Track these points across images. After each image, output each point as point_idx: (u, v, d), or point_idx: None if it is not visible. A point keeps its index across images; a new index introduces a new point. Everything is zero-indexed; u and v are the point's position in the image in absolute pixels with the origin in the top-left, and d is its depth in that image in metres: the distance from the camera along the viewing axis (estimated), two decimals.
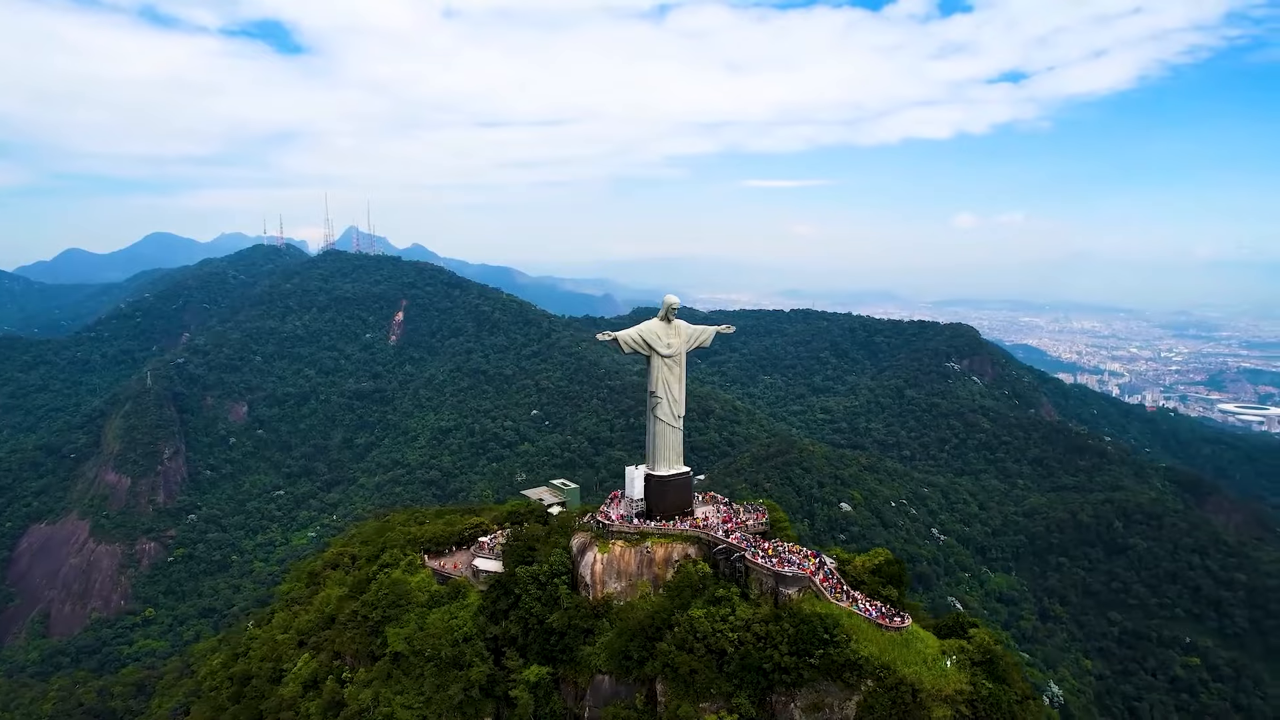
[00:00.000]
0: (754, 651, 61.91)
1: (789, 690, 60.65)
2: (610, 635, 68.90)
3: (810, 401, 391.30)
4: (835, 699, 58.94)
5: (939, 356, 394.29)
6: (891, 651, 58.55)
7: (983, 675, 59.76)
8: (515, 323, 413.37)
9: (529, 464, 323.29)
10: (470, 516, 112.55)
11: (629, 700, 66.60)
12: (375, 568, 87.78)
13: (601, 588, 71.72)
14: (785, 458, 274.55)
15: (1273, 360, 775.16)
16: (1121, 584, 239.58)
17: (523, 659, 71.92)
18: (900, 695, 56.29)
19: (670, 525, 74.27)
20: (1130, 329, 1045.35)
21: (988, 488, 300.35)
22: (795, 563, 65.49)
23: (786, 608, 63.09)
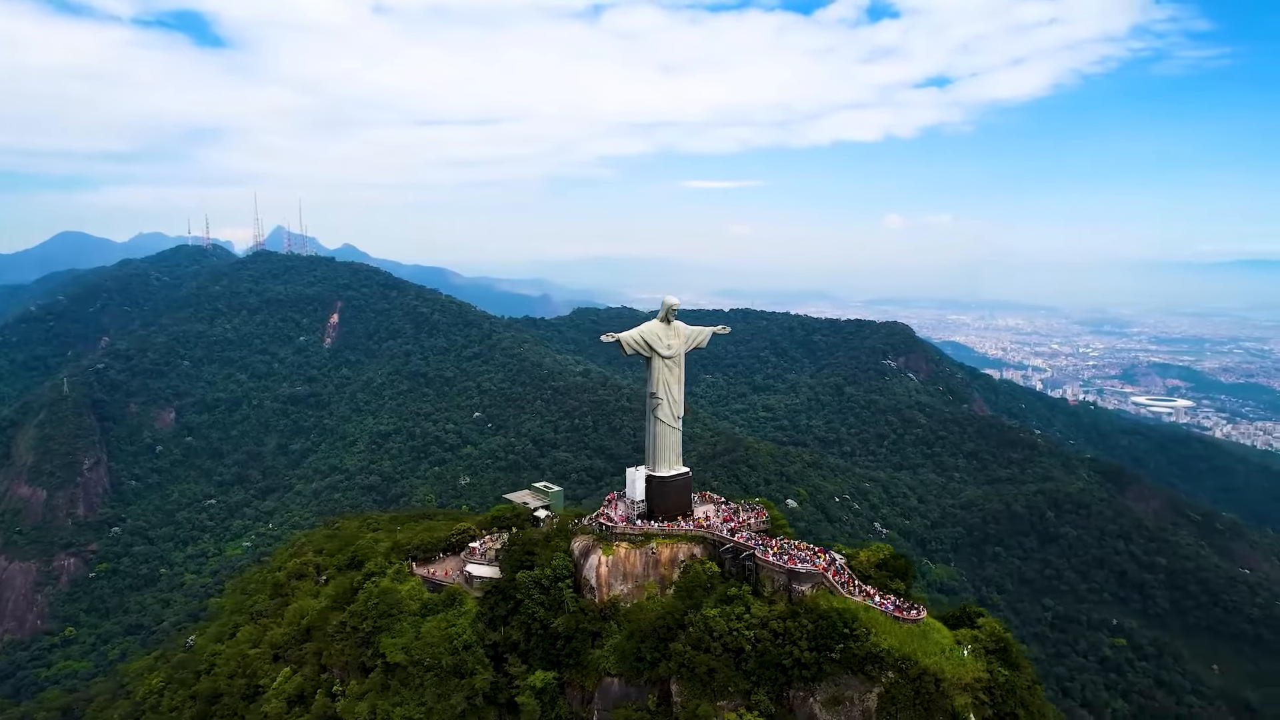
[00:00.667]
0: (772, 648, 62.30)
1: (808, 685, 61.24)
2: (619, 637, 68.59)
3: (752, 400, 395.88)
4: (855, 692, 59.81)
5: (876, 354, 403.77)
6: (911, 643, 59.69)
7: (997, 663, 61.56)
8: (455, 324, 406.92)
9: (472, 467, 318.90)
10: (447, 522, 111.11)
11: (640, 702, 66.51)
12: (360, 577, 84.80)
13: (607, 590, 71.25)
14: (732, 456, 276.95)
15: (1179, 355, 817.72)
16: (1054, 571, 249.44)
17: (526, 665, 70.94)
18: (923, 685, 57.40)
19: (675, 526, 74.33)
20: (1050, 326, 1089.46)
21: (926, 481, 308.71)
22: (805, 559, 65.88)
23: (802, 604, 63.68)
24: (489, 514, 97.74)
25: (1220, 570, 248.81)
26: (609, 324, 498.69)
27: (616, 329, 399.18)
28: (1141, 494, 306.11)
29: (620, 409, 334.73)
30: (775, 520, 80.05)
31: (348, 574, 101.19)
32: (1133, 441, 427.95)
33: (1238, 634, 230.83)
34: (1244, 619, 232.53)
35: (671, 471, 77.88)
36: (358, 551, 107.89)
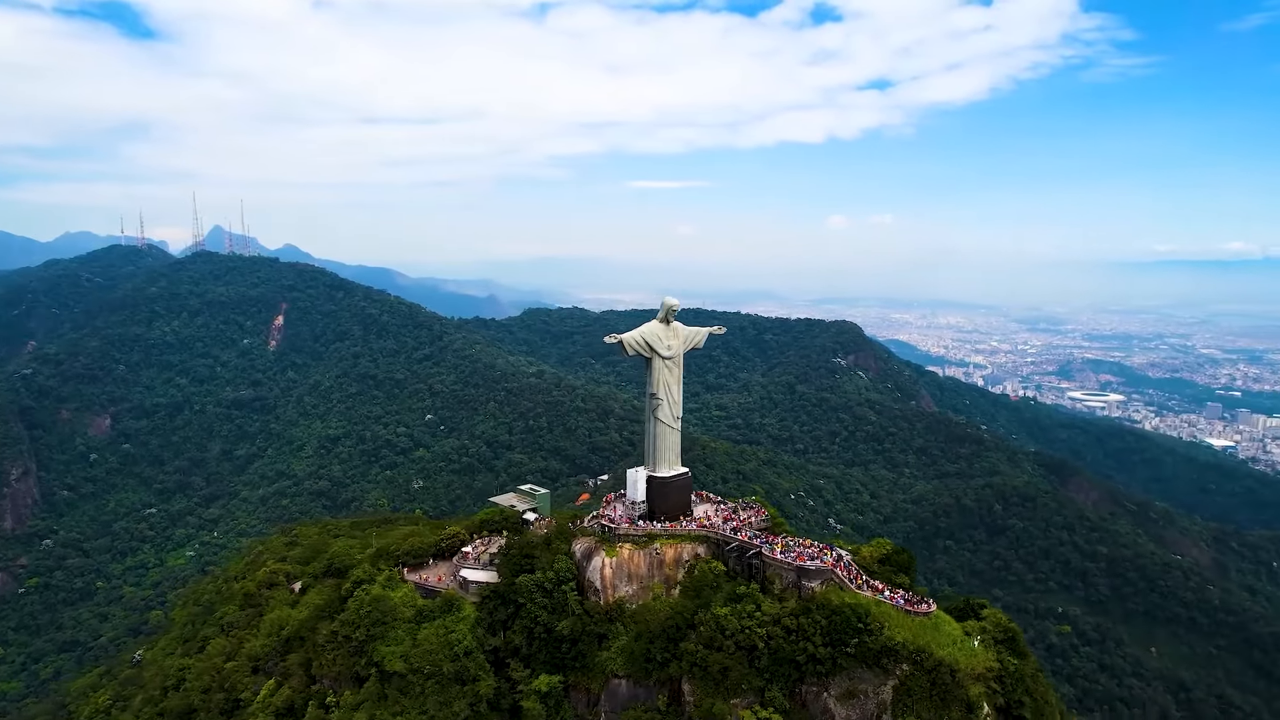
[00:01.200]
0: (785, 645, 62.74)
1: (821, 680, 61.83)
2: (627, 639, 68.19)
3: (705, 399, 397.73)
4: (869, 685, 60.56)
5: (826, 353, 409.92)
6: (924, 635, 60.81)
7: (1006, 652, 63.12)
8: (404, 325, 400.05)
9: (425, 470, 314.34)
10: (427, 527, 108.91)
11: (650, 702, 66.32)
12: (348, 584, 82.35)
13: (613, 592, 70.78)
14: (688, 455, 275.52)
15: (1111, 351, 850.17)
16: (1003, 562, 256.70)
17: (529, 669, 70.03)
18: (939, 676, 58.52)
19: (678, 525, 74.20)
20: (990, 324, 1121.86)
21: (877, 477, 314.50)
22: (814, 556, 66.21)
23: (813, 600, 64.20)
24: (476, 518, 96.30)
25: (1156, 557, 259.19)
26: (560, 325, 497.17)
27: (568, 330, 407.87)
28: (1082, 486, 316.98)
29: (575, 410, 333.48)
30: (773, 518, 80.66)
31: (327, 581, 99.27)
32: (1071, 435, 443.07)
33: (1173, 617, 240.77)
34: (1178, 603, 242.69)
35: (672, 472, 78.19)
36: (335, 559, 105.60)
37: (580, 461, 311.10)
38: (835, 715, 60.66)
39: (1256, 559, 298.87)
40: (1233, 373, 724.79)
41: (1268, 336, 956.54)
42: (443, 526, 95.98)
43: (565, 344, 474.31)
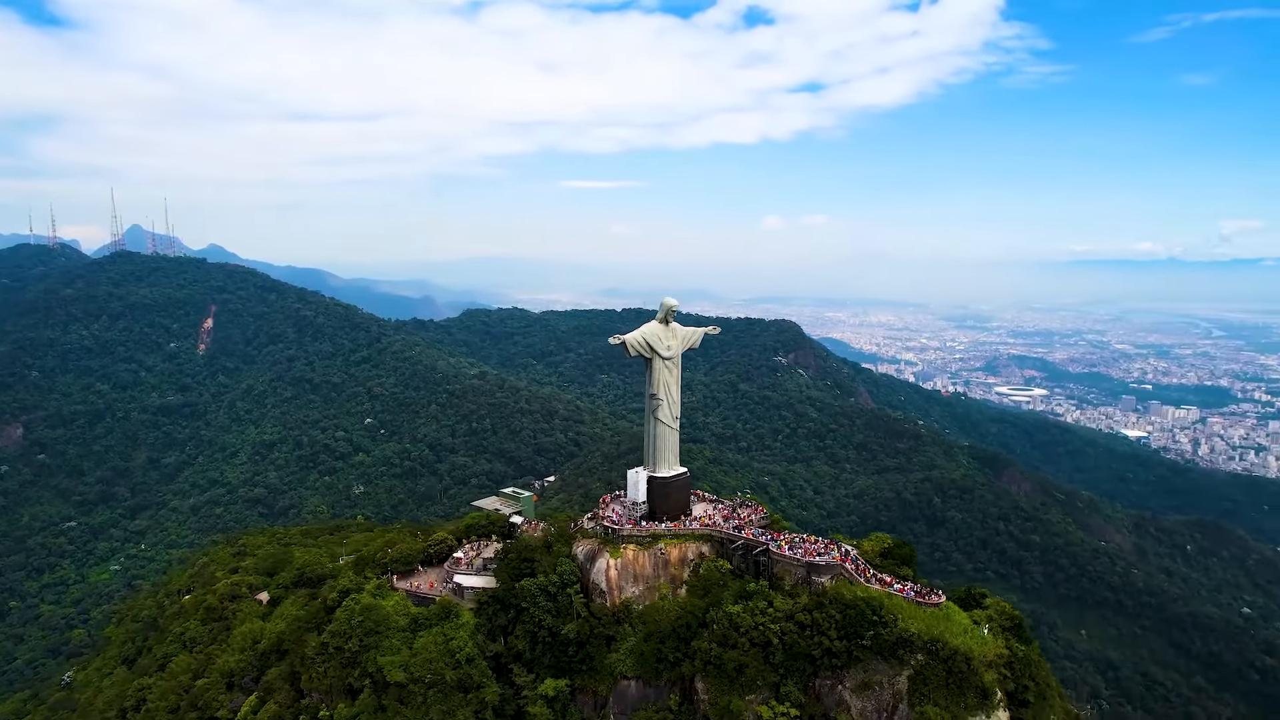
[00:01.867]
0: (800, 640, 63.34)
1: (836, 673, 62.67)
2: (635, 640, 67.81)
3: None
4: (884, 676, 61.58)
5: (767, 351, 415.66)
6: (937, 625, 62.11)
7: (1013, 639, 65.17)
8: (341, 327, 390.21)
9: (366, 475, 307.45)
10: (401, 533, 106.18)
11: (661, 702, 66.17)
12: (334, 594, 79.39)
13: (619, 593, 70.34)
14: (638, 454, 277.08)
15: (1034, 347, 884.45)
16: (943, 553, 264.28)
17: (532, 674, 68.94)
18: (955, 665, 59.89)
19: (682, 525, 74.18)
20: (919, 321, 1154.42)
21: (820, 473, 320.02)
22: (824, 552, 66.69)
23: (826, 595, 64.86)
24: (462, 523, 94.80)
25: (1085, 544, 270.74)
26: (500, 326, 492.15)
27: (508, 331, 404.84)
28: (1014, 477, 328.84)
29: (519, 411, 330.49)
30: (771, 516, 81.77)
31: (299, 592, 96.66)
32: (1001, 429, 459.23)
33: (1101, 601, 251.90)
34: (1106, 587, 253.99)
35: (672, 472, 78.53)
36: (306, 568, 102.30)
37: (526, 464, 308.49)
38: (851, 707, 61.60)
39: (1171, 543, 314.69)
40: (1144, 367, 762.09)
41: (1175, 332, 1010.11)
42: (430, 532, 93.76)
43: (506, 345, 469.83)
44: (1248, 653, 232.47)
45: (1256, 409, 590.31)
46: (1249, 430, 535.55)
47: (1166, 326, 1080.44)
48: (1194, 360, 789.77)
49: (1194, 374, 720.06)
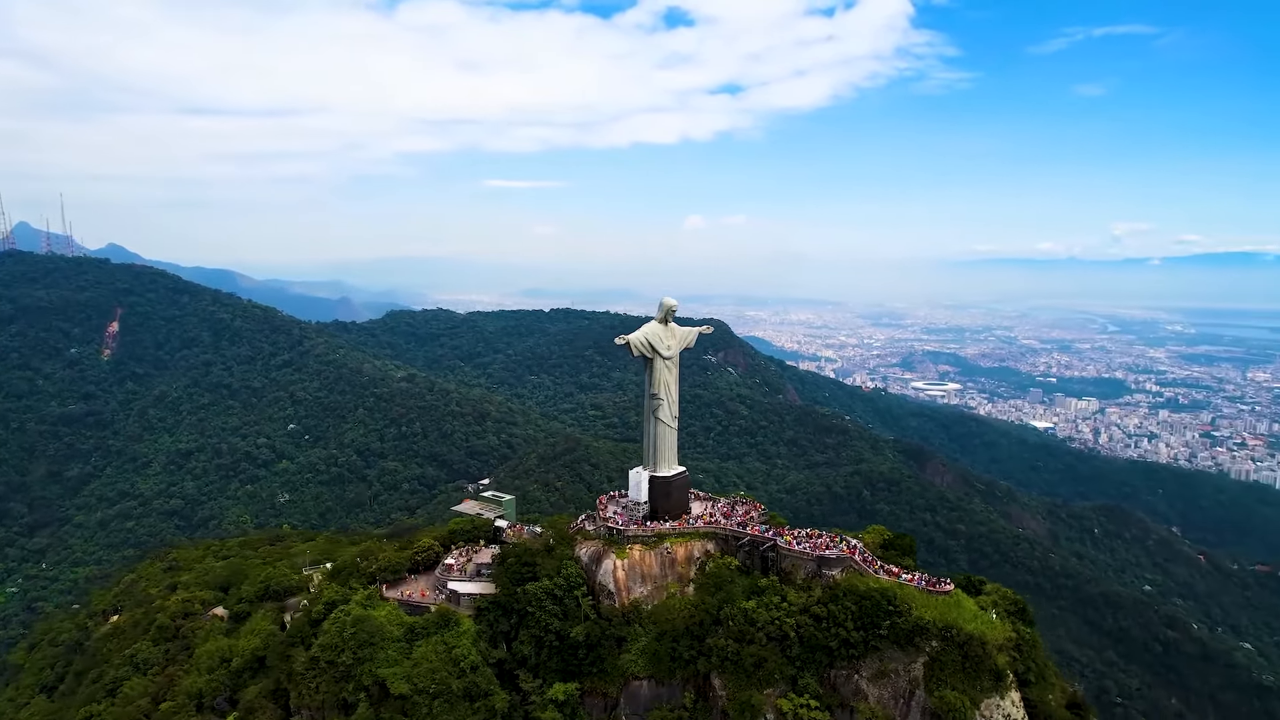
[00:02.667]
0: (817, 632, 64.39)
1: (852, 664, 63.92)
2: (647, 639, 67.58)
3: (580, 399, 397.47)
4: (900, 664, 63.07)
5: (697, 350, 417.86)
6: (950, 612, 63.98)
7: (1018, 622, 67.60)
8: (260, 330, 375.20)
9: (290, 483, 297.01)
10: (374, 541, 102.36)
11: (676, 701, 66.14)
12: (319, 606, 75.70)
13: (627, 594, 69.90)
14: (573, 455, 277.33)
15: (946, 343, 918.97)
16: None
17: (539, 679, 67.85)
18: (971, 649, 61.83)
19: (686, 524, 74.37)
20: (838, 319, 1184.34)
21: (752, 469, 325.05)
22: (834, 545, 67.31)
23: (840, 587, 65.99)
24: (446, 529, 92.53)
25: (1006, 531, 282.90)
26: (425, 327, 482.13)
27: (433, 332, 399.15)
28: (937, 469, 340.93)
29: (450, 414, 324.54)
30: (769, 513, 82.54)
31: (266, 606, 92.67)
32: (920, 423, 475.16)
33: (1022, 584, 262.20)
34: (1026, 571, 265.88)
35: (673, 471, 79.12)
36: (271, 581, 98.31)
37: (459, 467, 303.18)
38: (868, 696, 62.91)
39: (1081, 527, 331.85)
40: (1049, 361, 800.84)
41: (1075, 328, 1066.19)
42: (411, 541, 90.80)
43: (432, 347, 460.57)
44: (1152, 626, 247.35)
45: (1148, 399, 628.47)
46: (1142, 419, 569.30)
47: (1067, 322, 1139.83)
48: (1093, 354, 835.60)
49: (1093, 367, 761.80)
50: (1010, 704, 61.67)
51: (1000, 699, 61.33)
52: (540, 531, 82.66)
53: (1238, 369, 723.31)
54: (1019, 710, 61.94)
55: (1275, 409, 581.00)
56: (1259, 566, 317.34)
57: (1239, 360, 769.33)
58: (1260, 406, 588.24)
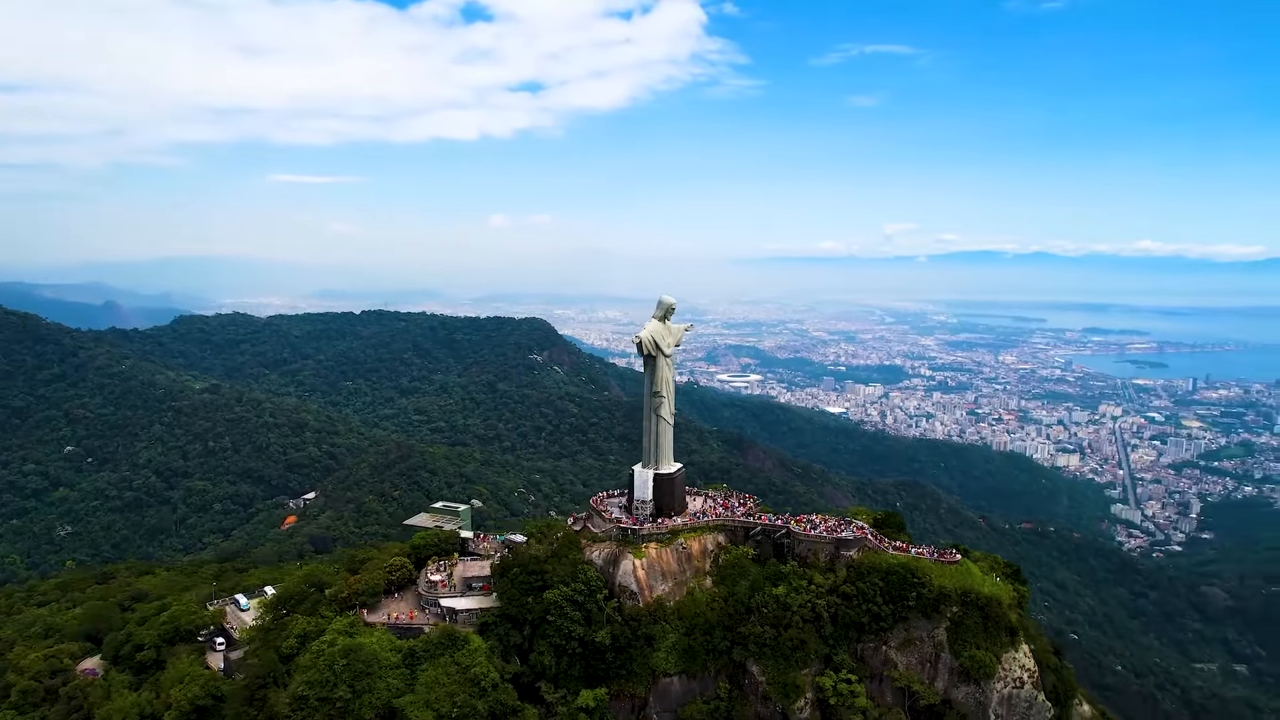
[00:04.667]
0: (847, 610, 67.37)
1: (879, 636, 67.60)
2: (676, 635, 67.45)
3: (402, 404, 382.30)
4: (924, 631, 67.51)
5: (522, 349, 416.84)
6: (964, 579, 69.08)
7: (1015, 583, 74.38)
8: (18, 340, 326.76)
9: (73, 513, 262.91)
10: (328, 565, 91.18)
11: (709, 693, 66.36)
12: (291, 640, 67.53)
13: (650, 592, 69.32)
14: (408, 462, 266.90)
15: (746, 337, 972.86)
16: None
17: (562, 689, 65.51)
18: (991, 610, 67.44)
19: (696, 518, 75.03)
20: (644, 316, 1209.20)
21: (586, 467, 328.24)
22: (835, 528, 69.80)
23: (863, 566, 69.26)
24: (409, 545, 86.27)
25: (829, 510, 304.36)
26: (221, 333, 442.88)
27: (232, 339, 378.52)
28: (758, 456, 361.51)
29: (263, 426, 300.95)
30: (759, 503, 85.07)
31: (179, 649, 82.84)
32: (733, 413, 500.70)
33: None
34: None
35: (673, 468, 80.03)
36: (177, 621, 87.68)
37: (277, 482, 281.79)
38: (897, 664, 67.04)
39: (886, 502, 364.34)
40: (838, 351, 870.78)
41: (857, 320, 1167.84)
42: (362, 562, 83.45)
43: (231, 354, 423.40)
44: None
45: (924, 383, 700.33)
46: (920, 401, 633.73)
47: (850, 315, 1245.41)
48: (874, 344, 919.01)
49: (875, 355, 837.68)
50: (1023, 655, 68.55)
51: (1015, 652, 68.00)
52: (522, 540, 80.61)
53: (991, 353, 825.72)
54: (1029, 660, 68.83)
55: (1022, 387, 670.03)
56: (1024, 524, 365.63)
57: (992, 345, 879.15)
58: (1010, 385, 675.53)
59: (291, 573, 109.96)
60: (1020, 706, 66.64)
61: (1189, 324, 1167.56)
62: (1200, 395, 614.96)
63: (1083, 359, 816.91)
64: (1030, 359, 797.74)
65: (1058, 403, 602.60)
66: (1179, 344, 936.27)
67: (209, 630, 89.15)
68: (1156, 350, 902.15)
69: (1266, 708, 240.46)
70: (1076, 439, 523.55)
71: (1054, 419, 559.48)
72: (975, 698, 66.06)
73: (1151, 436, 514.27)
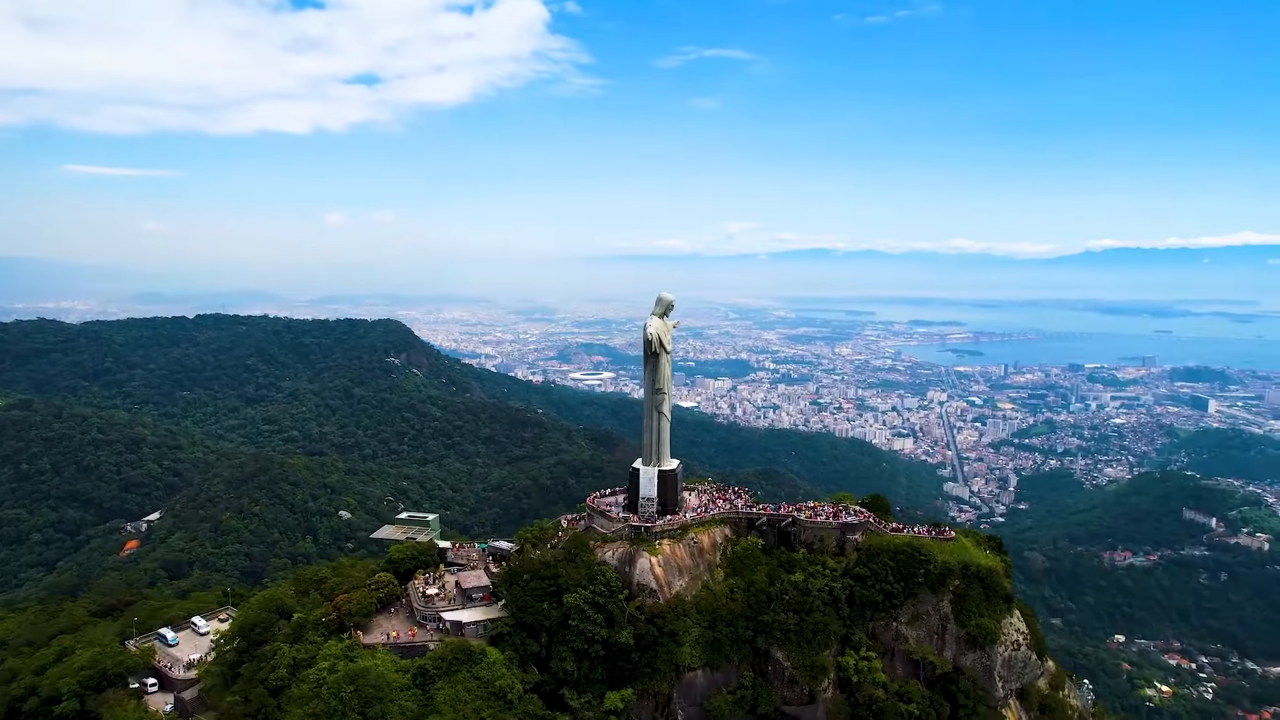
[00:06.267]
0: (862, 591, 70.20)
1: (890, 613, 71.12)
2: (700, 629, 67.76)
3: (248, 414, 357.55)
4: (930, 604, 71.71)
5: (378, 352, 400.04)
6: (962, 554, 73.85)
7: (1000, 554, 79.71)
8: None
9: None
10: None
11: (733, 682, 67.14)
12: (280, 671, 63.13)
13: (669, 589, 69.10)
14: (268, 475, 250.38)
15: (597, 335, 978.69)
16: None
17: (586, 694, 64.30)
18: (991, 581, 72.58)
19: (702, 513, 75.35)
20: (492, 316, 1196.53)
21: (454, 471, 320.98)
22: (834, 514, 71.70)
23: (871, 549, 72.22)
24: (385, 560, 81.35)
25: None
26: (22, 342, 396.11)
27: (39, 348, 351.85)
28: (625, 451, 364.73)
29: (91, 443, 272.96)
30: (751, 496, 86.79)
31: (113, 694, 73.58)
32: (593, 410, 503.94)
33: None
34: None
35: (672, 465, 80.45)
36: (103, 665, 77.44)
37: (111, 505, 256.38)
38: (907, 638, 70.86)
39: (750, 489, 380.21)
40: (686, 347, 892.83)
41: (703, 316, 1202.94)
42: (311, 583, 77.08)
43: (38, 365, 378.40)
44: None
45: (769, 375, 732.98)
46: (766, 393, 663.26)
47: (697, 311, 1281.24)
48: (720, 339, 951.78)
49: (722, 350, 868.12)
50: (1017, 619, 74.54)
51: (1011, 618, 73.83)
52: (508, 547, 78.84)
53: (829, 346, 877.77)
54: (1022, 623, 74.91)
55: (858, 377, 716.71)
56: None
57: (829, 338, 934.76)
58: (847, 376, 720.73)
59: (203, 599, 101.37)
60: (1018, 666, 73.08)
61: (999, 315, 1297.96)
62: (1011, 380, 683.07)
63: (910, 349, 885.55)
64: (864, 350, 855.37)
65: (890, 390, 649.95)
66: (991, 333, 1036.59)
67: (138, 672, 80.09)
68: (973, 340, 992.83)
69: (1079, 652, 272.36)
70: (909, 424, 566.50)
71: (888, 406, 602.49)
72: (982, 662, 71.69)
73: (973, 419, 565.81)
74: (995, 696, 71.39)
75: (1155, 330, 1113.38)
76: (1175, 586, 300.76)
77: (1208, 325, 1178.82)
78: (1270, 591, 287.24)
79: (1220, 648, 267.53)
